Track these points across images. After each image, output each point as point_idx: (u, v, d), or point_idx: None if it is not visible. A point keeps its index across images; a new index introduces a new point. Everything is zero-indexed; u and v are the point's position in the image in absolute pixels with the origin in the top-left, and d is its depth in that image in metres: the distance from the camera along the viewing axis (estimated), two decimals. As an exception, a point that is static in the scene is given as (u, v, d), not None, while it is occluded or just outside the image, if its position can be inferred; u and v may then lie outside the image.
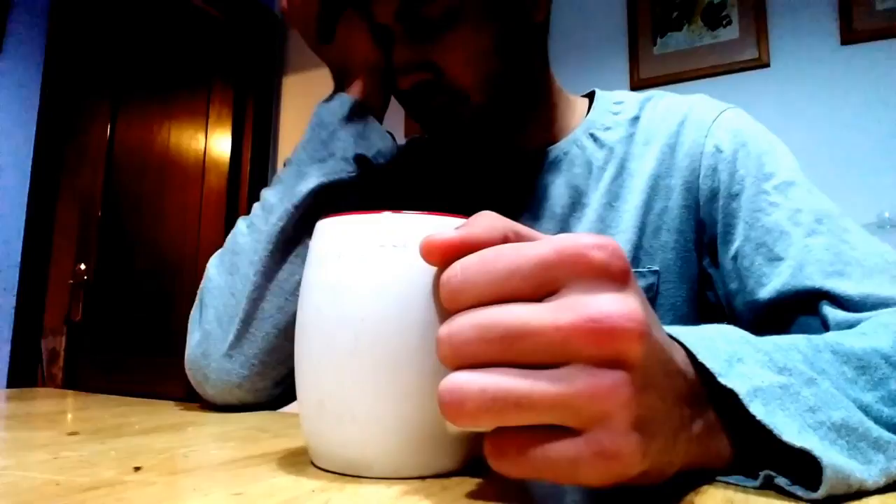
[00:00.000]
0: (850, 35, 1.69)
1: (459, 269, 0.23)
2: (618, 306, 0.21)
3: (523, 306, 0.22)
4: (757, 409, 0.25)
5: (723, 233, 0.53)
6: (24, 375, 1.84)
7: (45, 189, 1.89)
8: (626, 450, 0.21)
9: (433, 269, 0.26)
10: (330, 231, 0.28)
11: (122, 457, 0.30)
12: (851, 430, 0.26)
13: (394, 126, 0.63)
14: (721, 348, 0.27)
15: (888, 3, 1.67)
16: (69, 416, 0.49)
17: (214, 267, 0.57)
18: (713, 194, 0.54)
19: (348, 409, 0.26)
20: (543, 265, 0.22)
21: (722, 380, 0.25)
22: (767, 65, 1.79)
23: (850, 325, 0.41)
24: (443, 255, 0.24)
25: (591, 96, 0.65)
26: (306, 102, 2.54)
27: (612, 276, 0.22)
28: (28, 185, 1.85)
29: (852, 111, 1.68)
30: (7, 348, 1.81)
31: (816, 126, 1.71)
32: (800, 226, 0.49)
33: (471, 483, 0.26)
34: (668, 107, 0.60)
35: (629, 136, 0.59)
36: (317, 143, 0.56)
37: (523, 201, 0.60)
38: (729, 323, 0.53)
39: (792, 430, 0.25)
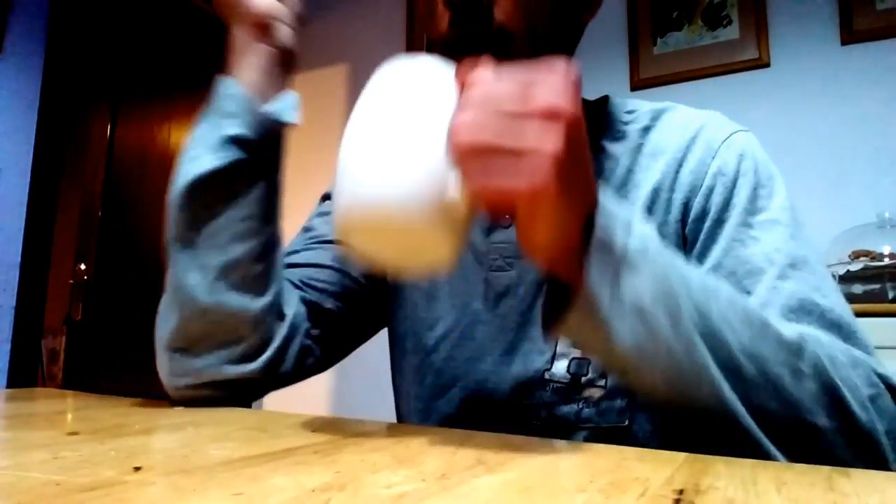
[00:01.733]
0: (850, 35, 1.69)
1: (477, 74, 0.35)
2: (565, 102, 0.33)
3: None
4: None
5: (699, 253, 0.53)
6: (24, 375, 1.84)
7: (45, 189, 1.89)
8: (549, 171, 0.32)
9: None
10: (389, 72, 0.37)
11: (122, 457, 0.30)
12: (671, 302, 0.36)
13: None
14: (636, 233, 0.37)
15: (888, 3, 1.67)
16: (69, 416, 0.49)
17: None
18: (703, 214, 0.54)
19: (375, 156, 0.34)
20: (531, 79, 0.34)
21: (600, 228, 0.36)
22: (767, 65, 1.79)
23: None
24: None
25: (604, 101, 0.64)
26: (306, 102, 2.54)
27: (566, 90, 0.34)
28: (28, 185, 1.85)
29: (852, 111, 1.68)
30: (7, 348, 1.81)
31: (816, 126, 1.71)
32: (773, 265, 0.48)
33: (471, 483, 0.26)
34: (681, 121, 0.59)
35: (637, 146, 0.59)
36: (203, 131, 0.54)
37: None
38: None
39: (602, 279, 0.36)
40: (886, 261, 1.40)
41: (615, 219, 0.37)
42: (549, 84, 0.33)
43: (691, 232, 0.54)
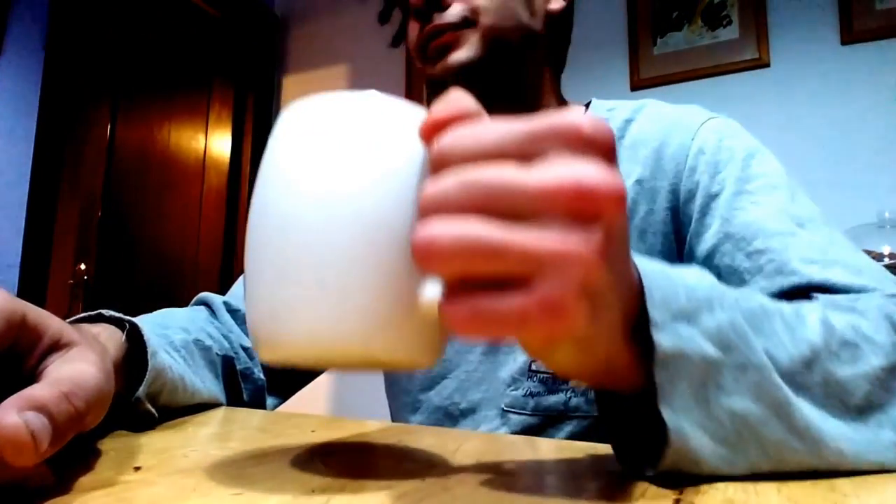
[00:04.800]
0: (850, 35, 1.69)
1: (450, 135, 0.22)
2: (603, 175, 0.20)
3: (510, 166, 0.21)
4: (661, 377, 0.25)
5: (695, 231, 0.53)
6: (24, 375, 1.84)
7: (45, 189, 1.88)
8: (573, 306, 0.20)
9: (419, 152, 0.25)
10: (307, 111, 0.26)
11: (122, 457, 0.30)
12: (743, 424, 0.27)
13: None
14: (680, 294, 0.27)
15: (888, 3, 1.67)
16: (69, 416, 0.48)
17: None
18: (691, 195, 0.54)
19: (318, 280, 0.24)
20: (534, 134, 0.22)
21: (654, 331, 0.25)
22: (767, 65, 1.79)
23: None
24: (435, 130, 0.23)
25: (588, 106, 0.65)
26: (306, 102, 2.54)
27: (599, 149, 0.21)
28: (28, 185, 1.85)
29: (852, 111, 1.68)
30: (7, 348, 1.81)
31: (816, 126, 1.71)
32: (782, 223, 0.47)
33: (471, 483, 0.26)
34: (658, 112, 0.60)
35: (618, 138, 0.59)
36: None
37: None
38: None
39: (673, 414, 0.25)
40: (886, 261, 1.40)
41: (679, 316, 0.26)
42: (572, 139, 0.21)
43: (685, 215, 0.55)
